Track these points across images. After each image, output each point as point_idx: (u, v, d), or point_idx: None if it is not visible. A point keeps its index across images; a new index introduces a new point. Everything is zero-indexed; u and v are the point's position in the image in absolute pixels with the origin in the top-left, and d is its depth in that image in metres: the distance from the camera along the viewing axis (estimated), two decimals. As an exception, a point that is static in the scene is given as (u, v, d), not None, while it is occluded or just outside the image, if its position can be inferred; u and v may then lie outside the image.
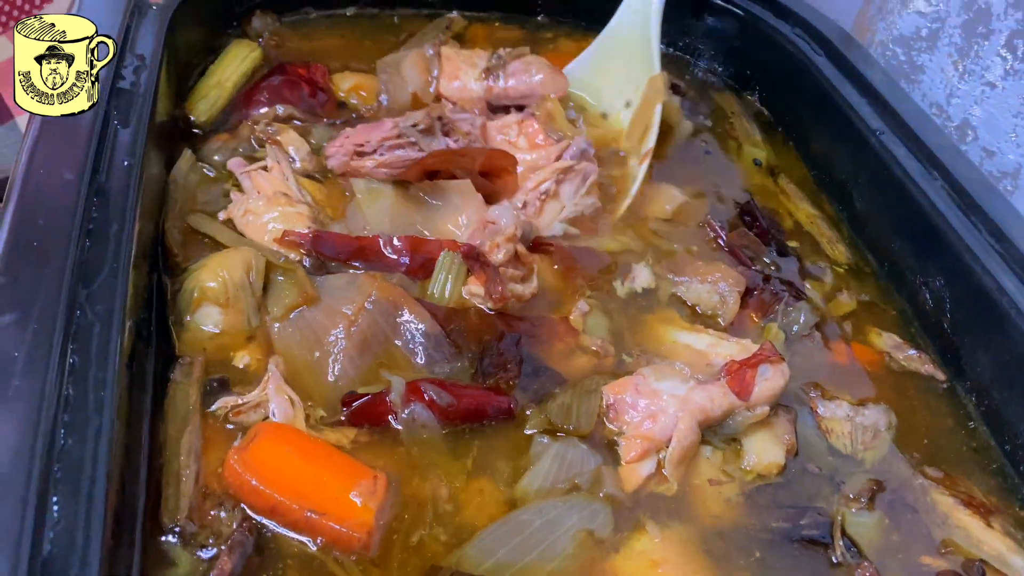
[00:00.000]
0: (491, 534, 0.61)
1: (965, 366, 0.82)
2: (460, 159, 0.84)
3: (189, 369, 0.67)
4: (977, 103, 1.04)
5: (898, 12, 1.10)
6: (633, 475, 0.67)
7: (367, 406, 0.67)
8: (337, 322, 0.71)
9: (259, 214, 0.78)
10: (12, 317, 0.53)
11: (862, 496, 0.69)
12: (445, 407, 0.67)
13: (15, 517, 0.45)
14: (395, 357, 0.71)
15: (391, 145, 0.84)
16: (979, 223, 0.84)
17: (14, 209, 0.60)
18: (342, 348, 0.70)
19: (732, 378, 0.70)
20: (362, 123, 0.90)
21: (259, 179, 0.82)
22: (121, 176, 0.66)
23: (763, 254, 0.90)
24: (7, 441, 0.47)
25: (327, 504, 0.59)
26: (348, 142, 0.86)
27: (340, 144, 0.86)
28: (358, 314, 0.71)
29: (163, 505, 0.58)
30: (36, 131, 0.66)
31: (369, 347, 0.71)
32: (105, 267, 0.59)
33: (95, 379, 0.53)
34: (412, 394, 0.67)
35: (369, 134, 0.85)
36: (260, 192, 0.80)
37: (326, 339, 0.70)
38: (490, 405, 0.69)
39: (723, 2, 1.15)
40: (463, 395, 0.68)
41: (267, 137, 0.87)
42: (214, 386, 0.66)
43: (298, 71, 0.97)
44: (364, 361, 0.70)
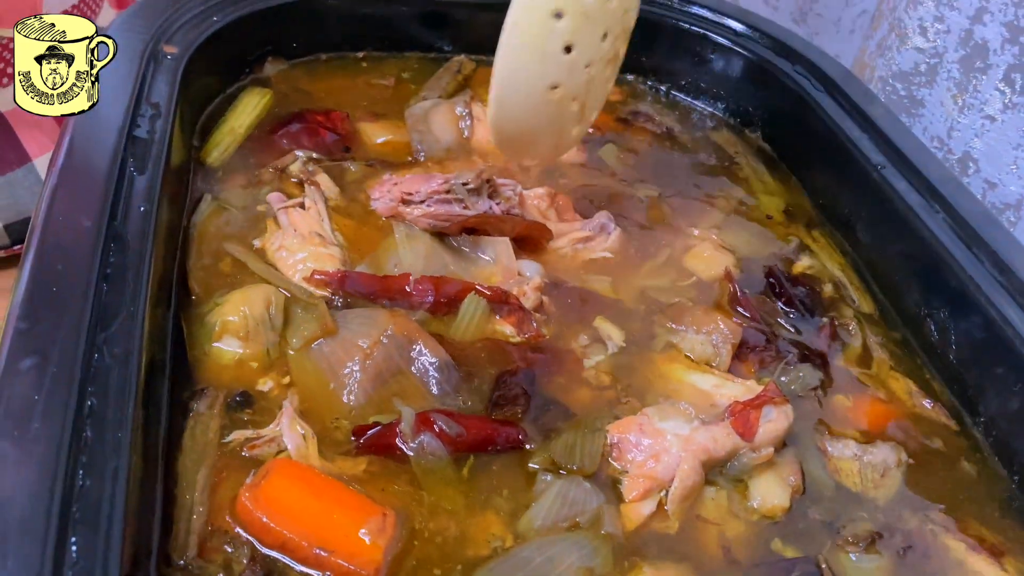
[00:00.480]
0: (493, 570, 0.61)
1: (971, 396, 0.83)
2: (502, 224, 0.89)
3: (212, 401, 0.68)
4: (977, 136, 1.05)
5: (897, 48, 1.12)
6: (635, 513, 0.67)
7: (378, 436, 0.68)
8: (353, 355, 0.73)
9: (292, 251, 0.82)
10: (32, 361, 0.55)
11: (861, 540, 0.69)
12: (454, 437, 0.68)
13: (36, 556, 0.46)
14: (408, 388, 0.73)
15: (439, 199, 0.87)
16: (982, 255, 0.85)
17: (34, 256, 0.62)
18: (357, 380, 0.72)
19: (736, 419, 0.71)
20: (410, 173, 0.94)
21: (295, 216, 0.85)
22: (137, 221, 0.68)
23: (779, 315, 0.90)
24: (28, 482, 0.49)
25: (336, 542, 0.60)
26: (396, 189, 0.89)
27: (387, 189, 0.90)
28: (374, 347, 0.73)
29: (172, 541, 0.59)
30: (55, 179, 0.68)
31: (383, 379, 0.73)
32: (122, 310, 0.61)
33: (113, 420, 0.54)
34: (422, 424, 0.68)
35: (419, 185, 0.89)
36: (296, 230, 0.84)
37: (341, 371, 0.72)
38: (499, 435, 0.70)
39: (727, 43, 1.17)
40: (472, 425, 0.69)
41: (307, 178, 0.90)
42: (237, 401, 0.68)
43: (317, 118, 1.00)
44: (377, 392, 0.72)
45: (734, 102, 1.19)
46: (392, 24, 1.15)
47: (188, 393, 0.69)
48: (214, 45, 0.94)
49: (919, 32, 1.09)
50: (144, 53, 0.84)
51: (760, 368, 0.82)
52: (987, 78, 1.03)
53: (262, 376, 0.72)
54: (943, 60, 1.07)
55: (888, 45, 1.14)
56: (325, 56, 1.13)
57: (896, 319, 0.93)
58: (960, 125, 1.07)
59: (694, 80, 1.21)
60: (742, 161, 1.12)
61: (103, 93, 0.78)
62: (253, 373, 0.72)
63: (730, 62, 1.17)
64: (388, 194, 0.89)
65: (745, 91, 1.17)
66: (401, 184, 0.89)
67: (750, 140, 1.17)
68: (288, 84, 1.07)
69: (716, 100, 1.21)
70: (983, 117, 1.04)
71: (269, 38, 1.06)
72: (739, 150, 1.14)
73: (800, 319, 0.90)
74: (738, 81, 1.17)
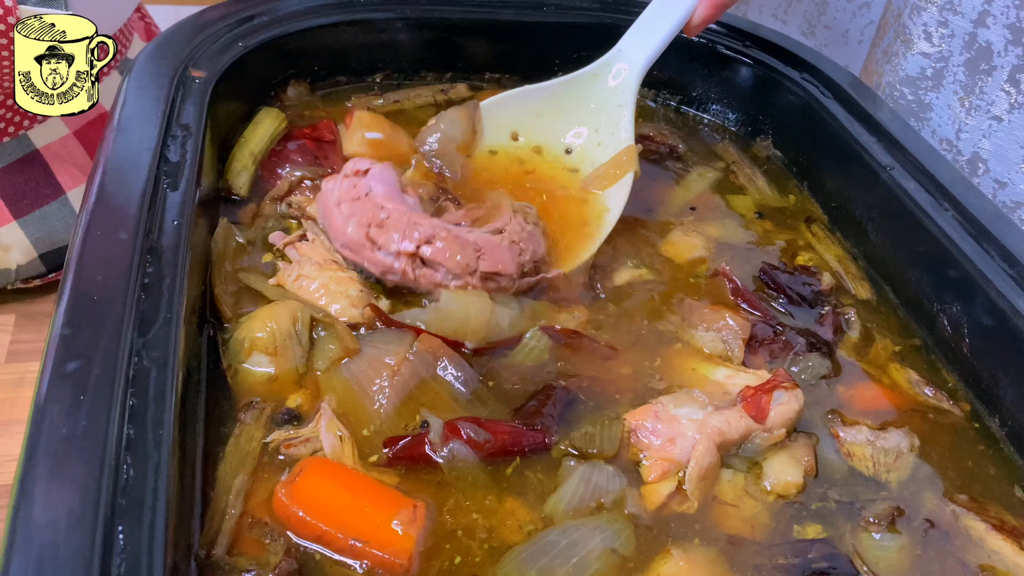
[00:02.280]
0: (521, 553, 0.64)
1: (986, 388, 0.84)
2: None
3: (259, 414, 0.71)
4: (985, 136, 1.07)
5: (903, 54, 1.15)
6: (655, 494, 0.70)
7: (409, 446, 0.70)
8: (381, 371, 0.75)
9: (312, 278, 0.83)
10: (77, 364, 0.58)
11: (882, 520, 0.71)
12: (482, 443, 0.70)
13: (86, 544, 0.48)
14: (435, 399, 0.75)
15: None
16: (991, 249, 0.86)
17: (75, 267, 0.65)
18: (385, 395, 0.74)
19: (748, 403, 0.73)
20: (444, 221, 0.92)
21: (305, 248, 0.87)
22: (171, 235, 0.71)
23: (776, 307, 0.93)
24: (77, 476, 0.51)
25: (370, 533, 0.62)
26: (469, 255, 0.84)
27: (453, 256, 0.84)
28: (400, 364, 0.76)
29: (204, 536, 0.62)
30: (94, 197, 0.72)
31: (410, 392, 0.75)
32: (159, 317, 0.64)
33: (153, 419, 0.57)
34: (451, 433, 0.70)
35: (504, 262, 0.86)
36: (311, 259, 0.85)
37: (370, 388, 0.75)
38: (525, 439, 0.72)
39: (734, 54, 1.20)
40: (499, 431, 0.72)
41: (301, 213, 0.92)
42: (284, 419, 0.71)
43: (303, 132, 1.02)
44: (405, 405, 0.74)
45: (744, 112, 1.22)
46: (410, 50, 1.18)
47: (228, 410, 0.72)
48: (240, 70, 0.98)
49: (924, 37, 1.11)
50: (174, 78, 0.88)
51: (771, 359, 0.84)
52: (992, 80, 1.05)
53: (293, 393, 0.74)
54: (948, 64, 1.09)
55: (894, 51, 1.17)
56: (345, 80, 1.17)
57: (909, 316, 0.94)
58: (968, 127, 1.09)
59: (704, 92, 1.24)
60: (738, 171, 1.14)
61: (136, 115, 0.82)
62: (284, 389, 0.75)
63: (739, 73, 1.20)
64: (453, 262, 0.83)
65: (754, 101, 1.20)
66: (465, 251, 0.83)
67: (760, 149, 1.19)
68: (306, 109, 1.10)
69: (726, 111, 1.23)
70: (990, 118, 1.06)
71: (291, 63, 1.10)
72: (737, 159, 1.16)
73: (798, 310, 0.92)
74: (747, 91, 1.20)
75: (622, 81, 1.04)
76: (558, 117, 1.04)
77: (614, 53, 1.05)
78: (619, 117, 1.03)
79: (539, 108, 1.04)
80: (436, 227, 0.83)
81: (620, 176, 0.99)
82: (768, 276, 0.95)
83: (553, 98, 1.04)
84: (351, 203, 0.85)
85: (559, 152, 1.04)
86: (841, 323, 0.91)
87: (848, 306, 0.94)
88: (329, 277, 0.83)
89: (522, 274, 0.85)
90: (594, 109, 1.04)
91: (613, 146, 1.02)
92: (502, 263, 0.83)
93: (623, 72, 1.04)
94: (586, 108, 1.04)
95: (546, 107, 1.04)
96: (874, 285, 0.98)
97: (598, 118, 1.04)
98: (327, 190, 0.89)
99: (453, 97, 1.17)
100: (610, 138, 1.03)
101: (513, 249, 0.84)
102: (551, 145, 1.04)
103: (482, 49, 1.19)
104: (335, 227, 0.86)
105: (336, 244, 0.86)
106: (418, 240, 0.82)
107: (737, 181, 1.13)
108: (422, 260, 0.82)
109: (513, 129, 1.03)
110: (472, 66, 1.21)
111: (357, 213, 0.84)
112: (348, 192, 0.86)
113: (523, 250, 0.85)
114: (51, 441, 0.53)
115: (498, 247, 0.84)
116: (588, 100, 1.05)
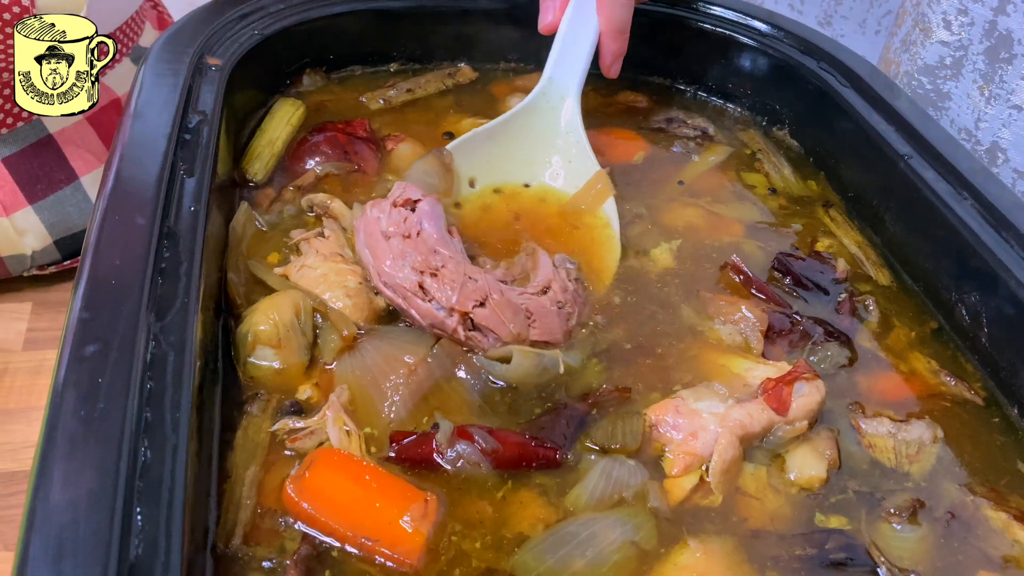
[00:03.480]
0: (540, 544, 0.63)
1: (1005, 377, 0.83)
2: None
3: (265, 405, 0.71)
4: (1005, 126, 1.06)
5: (921, 43, 1.14)
6: (678, 488, 0.69)
7: (414, 444, 0.69)
8: (397, 369, 0.74)
9: (314, 268, 0.83)
10: (95, 348, 0.58)
11: (903, 511, 0.70)
12: (490, 451, 0.68)
13: (105, 525, 0.48)
14: (449, 404, 0.74)
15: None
16: (1011, 239, 0.86)
17: (93, 251, 0.65)
18: (399, 393, 0.73)
19: (769, 395, 0.73)
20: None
21: (316, 243, 0.87)
22: (188, 220, 0.71)
23: (790, 296, 0.92)
24: (96, 458, 0.51)
25: (380, 531, 0.62)
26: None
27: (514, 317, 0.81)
28: (418, 364, 0.75)
29: (220, 528, 0.61)
30: (111, 182, 0.72)
31: (424, 394, 0.74)
32: (176, 302, 0.64)
33: (171, 402, 0.57)
34: (460, 436, 0.69)
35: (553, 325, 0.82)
36: (319, 252, 0.85)
37: (384, 383, 0.74)
38: (536, 456, 0.70)
39: (752, 43, 1.19)
40: (509, 443, 0.69)
41: (323, 211, 0.92)
42: (291, 410, 0.70)
43: (337, 125, 1.02)
44: (418, 407, 0.73)
45: (760, 102, 1.21)
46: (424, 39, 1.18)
47: (243, 395, 0.72)
48: (255, 57, 0.98)
49: (943, 26, 1.10)
50: (190, 65, 0.88)
51: (790, 350, 0.84)
52: (1012, 68, 1.04)
53: (303, 384, 0.74)
54: (968, 52, 1.08)
55: (912, 40, 1.16)
56: (360, 70, 1.16)
57: (928, 304, 0.93)
58: (987, 116, 1.08)
59: (721, 81, 1.23)
60: (764, 159, 1.14)
61: (152, 102, 0.82)
62: (293, 382, 0.74)
63: (756, 62, 1.19)
64: (504, 329, 0.78)
65: (771, 90, 1.19)
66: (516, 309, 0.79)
67: (777, 138, 1.18)
68: (324, 97, 1.10)
69: (742, 100, 1.23)
70: (1010, 107, 1.05)
71: (307, 51, 1.10)
72: (762, 147, 1.15)
73: (814, 298, 0.92)
74: (764, 80, 1.19)
75: (568, 111, 1.03)
76: (508, 156, 1.02)
77: (547, 83, 1.04)
78: (574, 145, 1.03)
79: (488, 150, 1.01)
80: (490, 285, 0.79)
81: (600, 202, 0.98)
82: (781, 265, 0.94)
83: (498, 138, 1.02)
84: (402, 241, 0.81)
85: (519, 188, 1.02)
86: (859, 309, 0.90)
87: (866, 293, 0.93)
88: (330, 268, 0.83)
89: (567, 336, 0.82)
90: (543, 140, 1.03)
91: (575, 173, 1.01)
92: (551, 332, 0.80)
93: (568, 97, 1.03)
94: (534, 141, 1.03)
95: (494, 148, 1.02)
96: (893, 272, 0.98)
97: (549, 148, 1.03)
98: (372, 217, 0.84)
99: (461, 80, 1.17)
100: (569, 166, 1.02)
101: (562, 315, 0.81)
102: (508, 184, 1.02)
103: (499, 36, 1.19)
104: (380, 264, 0.81)
105: (376, 280, 0.81)
106: (473, 300, 0.77)
107: (762, 169, 1.12)
108: (472, 322, 0.78)
109: (469, 176, 1.00)
110: (489, 55, 1.20)
111: (408, 255, 0.79)
112: (398, 225, 0.82)
113: (570, 314, 0.82)
114: (69, 423, 0.53)
115: (548, 313, 0.80)
116: (533, 133, 1.03)
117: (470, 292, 0.77)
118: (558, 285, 0.83)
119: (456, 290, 0.77)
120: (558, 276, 0.84)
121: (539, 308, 0.80)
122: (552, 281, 0.83)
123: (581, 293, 0.85)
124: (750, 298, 0.89)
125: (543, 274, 0.84)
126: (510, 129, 1.03)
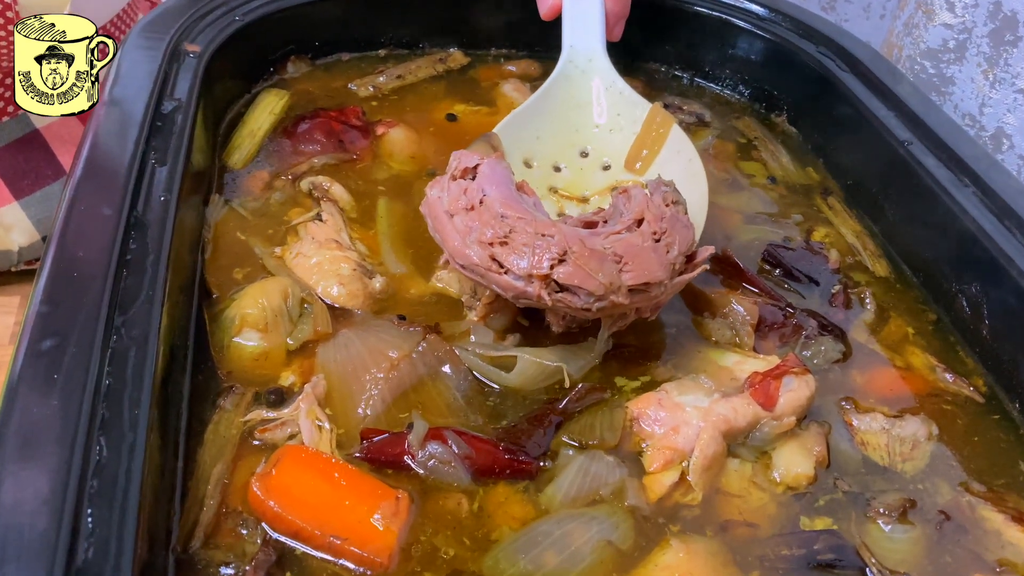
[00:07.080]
0: (512, 544, 0.61)
1: (1006, 372, 0.80)
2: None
3: (239, 399, 0.69)
4: (1010, 111, 1.03)
5: (924, 26, 1.10)
6: (658, 485, 0.67)
7: (385, 444, 0.66)
8: (379, 363, 0.72)
9: (308, 256, 0.82)
10: (52, 342, 0.56)
11: (893, 511, 0.68)
12: (462, 457, 0.65)
13: (51, 529, 0.46)
14: (428, 403, 0.72)
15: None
16: (1014, 227, 0.83)
17: (56, 243, 0.63)
18: (378, 388, 0.71)
19: (756, 390, 0.70)
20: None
21: (313, 228, 0.85)
22: (158, 210, 0.69)
23: (781, 288, 0.89)
24: (47, 457, 0.50)
25: (349, 529, 0.59)
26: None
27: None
28: (402, 360, 0.72)
29: (181, 529, 0.59)
30: (80, 171, 0.70)
31: (404, 391, 0.72)
32: (141, 294, 0.62)
33: (130, 399, 0.55)
34: (433, 438, 0.66)
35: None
36: (314, 238, 0.84)
37: (365, 376, 0.71)
38: (509, 466, 0.66)
39: (750, 27, 1.16)
40: (482, 449, 0.66)
41: (321, 195, 0.90)
42: (272, 399, 0.69)
43: (330, 113, 1.00)
44: (396, 404, 0.71)
45: (759, 87, 1.18)
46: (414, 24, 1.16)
47: (217, 388, 0.69)
48: (236, 44, 0.96)
49: (946, 8, 1.07)
50: (166, 51, 0.86)
51: (781, 344, 0.81)
52: (1018, 51, 1.01)
53: (284, 371, 0.72)
54: (972, 35, 1.05)
55: (915, 23, 1.13)
56: (347, 57, 1.14)
57: (927, 296, 0.91)
58: (992, 100, 1.04)
59: (718, 66, 1.20)
60: (761, 147, 1.11)
61: (127, 88, 0.80)
62: (275, 368, 0.72)
63: (753, 46, 1.16)
64: (593, 283, 0.70)
65: (769, 75, 1.16)
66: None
67: (776, 124, 1.15)
68: (309, 85, 1.08)
69: (740, 86, 1.19)
70: (1015, 91, 1.02)
71: (291, 37, 1.08)
72: (759, 135, 1.12)
73: (808, 290, 0.89)
74: (762, 65, 1.16)
75: (600, 66, 1.01)
76: (555, 130, 0.99)
77: (570, 51, 1.02)
78: (617, 96, 1.00)
79: (535, 127, 0.99)
80: (568, 237, 0.70)
81: (665, 135, 0.95)
82: (771, 256, 0.91)
83: (541, 114, 0.99)
84: (465, 215, 0.72)
85: (577, 159, 0.99)
86: (855, 302, 0.87)
87: (862, 285, 0.90)
88: (324, 255, 0.81)
89: (674, 274, 0.73)
90: (585, 105, 1.01)
91: (630, 123, 0.99)
92: (649, 272, 0.70)
93: (595, 56, 1.01)
94: (576, 108, 1.01)
95: (540, 124, 0.99)
96: (891, 263, 0.95)
97: (593, 110, 1.00)
98: (433, 198, 0.76)
99: (452, 66, 1.15)
100: (618, 119, 0.99)
101: (659, 249, 0.71)
102: (566, 157, 0.99)
103: (489, 21, 1.16)
104: (451, 246, 0.73)
105: (455, 264, 0.74)
106: (550, 259, 0.69)
107: (759, 157, 1.09)
108: (557, 283, 0.70)
109: (522, 157, 0.97)
110: (478, 40, 1.18)
111: (474, 228, 0.71)
112: (459, 199, 0.74)
113: (670, 245, 0.72)
114: (21, 421, 0.51)
115: (641, 251, 0.70)
116: (572, 100, 1.01)
117: (545, 251, 0.69)
118: (652, 214, 0.73)
119: (527, 254, 0.69)
120: (651, 204, 0.74)
121: (629, 248, 0.70)
122: (645, 211, 0.73)
123: (680, 218, 0.75)
124: (741, 290, 0.86)
125: (635, 205, 0.74)
126: (548, 104, 1.00)
